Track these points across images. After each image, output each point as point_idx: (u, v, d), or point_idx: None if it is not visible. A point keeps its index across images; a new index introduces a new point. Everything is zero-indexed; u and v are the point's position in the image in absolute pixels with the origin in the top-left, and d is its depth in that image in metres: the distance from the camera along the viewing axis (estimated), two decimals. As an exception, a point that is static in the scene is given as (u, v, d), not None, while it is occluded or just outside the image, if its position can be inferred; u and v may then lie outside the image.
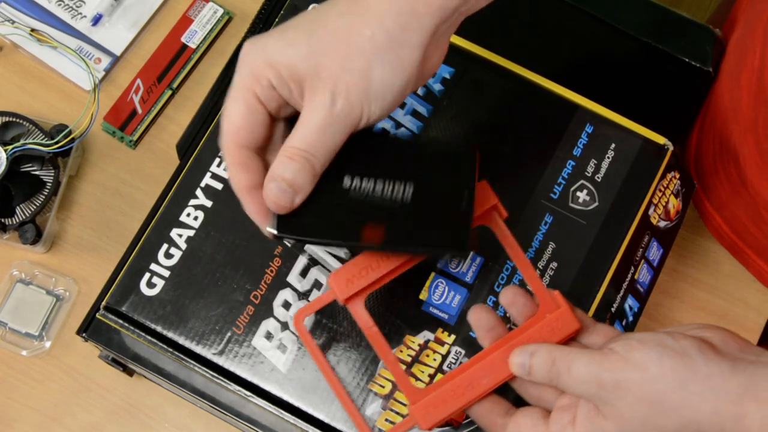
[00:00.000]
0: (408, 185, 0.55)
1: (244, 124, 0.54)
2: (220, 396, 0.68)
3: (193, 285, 0.67)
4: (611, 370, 0.51)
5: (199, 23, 0.84)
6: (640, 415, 0.50)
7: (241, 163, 0.54)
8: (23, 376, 0.77)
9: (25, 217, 0.75)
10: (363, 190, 0.55)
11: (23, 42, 0.83)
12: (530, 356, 0.55)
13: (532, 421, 0.54)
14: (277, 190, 0.53)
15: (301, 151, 0.52)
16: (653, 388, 0.50)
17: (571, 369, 0.52)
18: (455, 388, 0.56)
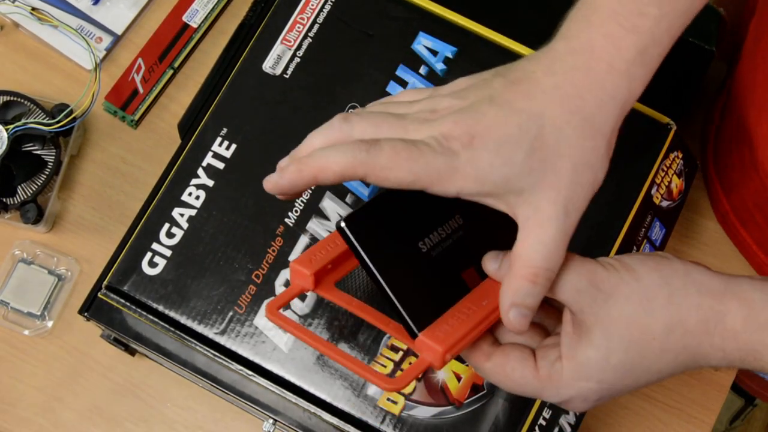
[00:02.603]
0: (457, 217, 0.54)
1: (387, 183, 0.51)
2: (222, 375, 0.68)
3: (194, 264, 0.67)
4: (605, 268, 0.51)
5: (200, 2, 0.83)
6: (627, 315, 0.50)
7: None
8: (25, 356, 0.77)
9: (27, 196, 0.75)
10: (436, 245, 0.53)
11: (24, 21, 0.82)
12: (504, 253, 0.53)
13: (521, 355, 0.53)
14: (520, 317, 0.51)
15: (545, 270, 0.50)
16: (639, 285, 0.50)
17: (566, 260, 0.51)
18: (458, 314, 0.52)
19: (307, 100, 0.71)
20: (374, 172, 0.49)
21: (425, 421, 0.64)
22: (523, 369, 0.52)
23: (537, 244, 0.50)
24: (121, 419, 0.76)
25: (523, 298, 0.50)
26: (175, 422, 0.76)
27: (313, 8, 0.73)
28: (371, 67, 0.71)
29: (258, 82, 0.71)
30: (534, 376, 0.52)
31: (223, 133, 0.70)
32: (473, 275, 0.54)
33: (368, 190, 0.69)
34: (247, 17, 0.76)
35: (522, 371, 0.52)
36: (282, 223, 0.68)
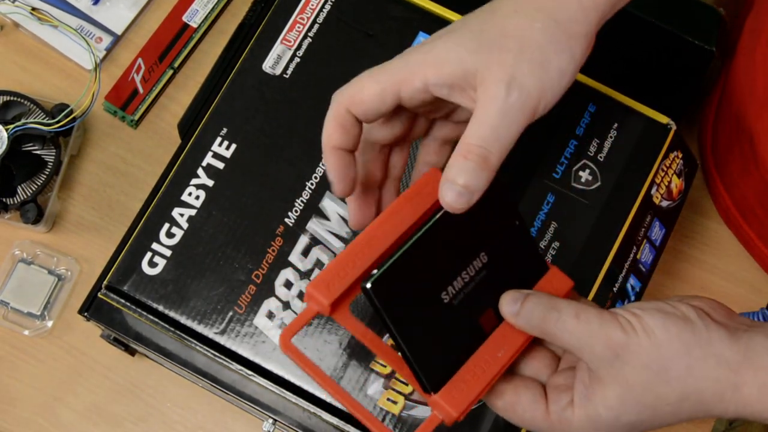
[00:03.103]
0: (480, 256, 0.53)
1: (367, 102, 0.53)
2: (222, 375, 0.68)
3: (194, 264, 0.67)
4: (623, 329, 0.50)
5: (200, 2, 0.83)
6: (643, 382, 0.50)
7: (341, 124, 0.54)
8: (25, 356, 0.77)
9: (27, 196, 0.75)
10: (459, 291, 0.53)
11: (24, 21, 0.82)
12: (523, 297, 0.53)
13: (533, 396, 0.53)
14: (453, 193, 0.51)
15: (477, 147, 0.51)
16: (660, 353, 0.49)
17: (580, 317, 0.50)
18: (473, 368, 0.52)
19: (307, 100, 0.71)
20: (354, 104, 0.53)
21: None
22: (534, 411, 0.52)
23: (474, 122, 0.51)
24: (121, 419, 0.76)
25: (455, 175, 0.51)
26: (175, 422, 0.76)
27: (313, 8, 0.73)
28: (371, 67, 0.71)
29: (258, 82, 0.71)
30: (544, 419, 0.52)
31: (223, 133, 0.70)
32: (491, 317, 0.53)
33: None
34: (247, 17, 0.76)
35: (533, 413, 0.52)
36: (282, 223, 0.68)
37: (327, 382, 0.52)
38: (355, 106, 0.53)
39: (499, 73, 0.51)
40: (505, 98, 0.51)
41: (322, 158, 0.69)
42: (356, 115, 0.54)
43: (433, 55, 0.53)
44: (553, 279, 0.55)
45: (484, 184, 0.51)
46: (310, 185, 0.69)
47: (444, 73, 0.52)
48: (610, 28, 0.76)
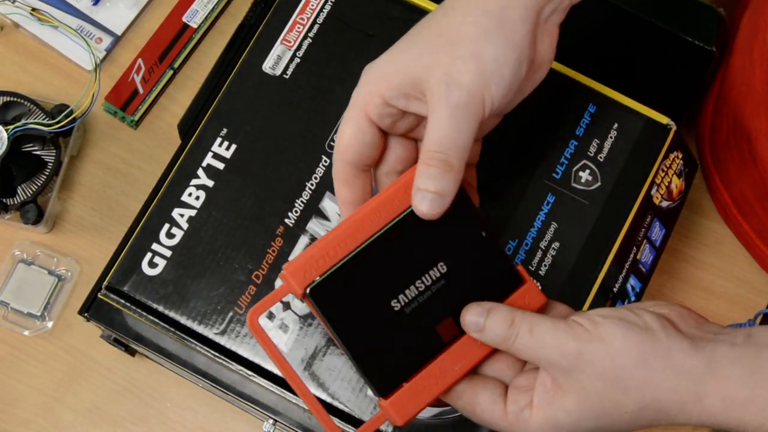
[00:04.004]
0: (439, 265, 0.54)
1: (352, 144, 0.54)
2: (222, 375, 0.68)
3: (194, 265, 0.67)
4: (576, 339, 0.50)
5: (200, 3, 0.83)
6: (599, 390, 0.50)
7: (343, 180, 0.55)
8: (25, 356, 0.77)
9: (27, 197, 0.75)
10: (412, 300, 0.53)
11: (24, 21, 0.82)
12: (486, 313, 0.53)
13: (491, 397, 0.53)
14: (423, 200, 0.52)
15: (434, 153, 0.52)
16: (616, 362, 0.49)
17: (533, 331, 0.51)
18: (427, 378, 0.53)
19: (307, 100, 0.71)
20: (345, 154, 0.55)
21: (425, 421, 0.64)
22: (492, 412, 0.53)
23: (429, 128, 0.52)
24: (121, 419, 0.76)
25: (421, 183, 0.52)
26: (175, 422, 0.76)
27: (313, 8, 0.73)
28: (371, 67, 0.71)
29: (258, 82, 0.71)
30: (502, 419, 0.52)
31: (223, 134, 0.70)
32: (451, 327, 0.54)
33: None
34: (247, 17, 0.76)
35: (491, 414, 0.53)
36: (282, 224, 0.68)
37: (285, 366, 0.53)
38: (346, 154, 0.55)
39: (438, 75, 0.52)
40: (447, 99, 0.51)
41: (322, 158, 0.69)
42: (353, 163, 0.55)
43: (382, 70, 0.54)
44: (525, 294, 0.55)
45: (451, 187, 0.52)
46: (310, 185, 0.69)
47: (394, 84, 0.53)
48: (610, 28, 0.77)
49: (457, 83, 0.51)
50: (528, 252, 0.67)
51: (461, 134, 0.52)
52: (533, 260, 0.67)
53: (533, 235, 0.68)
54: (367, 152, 0.55)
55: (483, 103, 0.52)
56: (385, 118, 0.54)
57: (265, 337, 0.53)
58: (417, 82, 0.53)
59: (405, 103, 0.54)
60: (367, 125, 0.54)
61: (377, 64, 0.55)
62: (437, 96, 0.52)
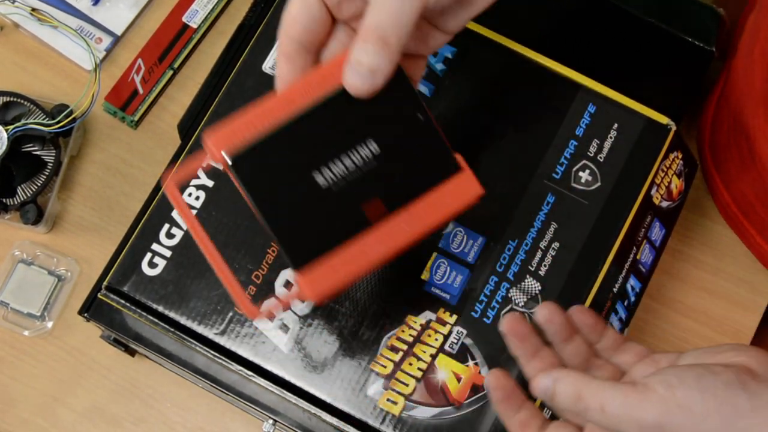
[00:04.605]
0: (368, 141, 0.52)
1: (298, 18, 0.53)
2: (222, 376, 0.68)
3: (194, 265, 0.67)
4: (652, 411, 0.49)
5: (200, 3, 0.83)
6: None
7: (286, 55, 0.54)
8: (25, 356, 0.77)
9: (27, 197, 0.75)
10: (337, 174, 0.52)
11: (24, 21, 0.82)
12: (553, 382, 0.52)
13: None
14: (354, 74, 0.51)
15: (374, 29, 0.51)
16: (699, 429, 0.48)
17: (605, 408, 0.50)
18: (347, 255, 0.52)
19: (306, 100, 0.71)
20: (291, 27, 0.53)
21: (425, 421, 0.64)
22: None
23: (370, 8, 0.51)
24: (120, 419, 0.76)
25: (356, 55, 0.51)
26: (175, 423, 0.76)
27: (313, 9, 0.73)
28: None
29: (258, 82, 0.71)
30: None
31: (223, 134, 0.70)
32: (378, 208, 0.52)
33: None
34: (247, 18, 0.76)
35: None
36: (282, 224, 0.68)
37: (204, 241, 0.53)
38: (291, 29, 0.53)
39: None
40: None
41: (322, 159, 0.69)
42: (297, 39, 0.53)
43: None
44: (460, 184, 0.54)
45: (386, 65, 0.51)
46: (310, 186, 0.69)
47: None
48: (611, 28, 0.77)
49: None
50: (528, 252, 0.67)
51: (402, 14, 0.51)
52: (533, 260, 0.67)
53: (533, 235, 0.68)
54: (313, 28, 0.54)
55: None
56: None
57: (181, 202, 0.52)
58: None
59: None
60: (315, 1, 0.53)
61: None
62: None
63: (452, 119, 0.70)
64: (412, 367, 0.65)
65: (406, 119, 0.54)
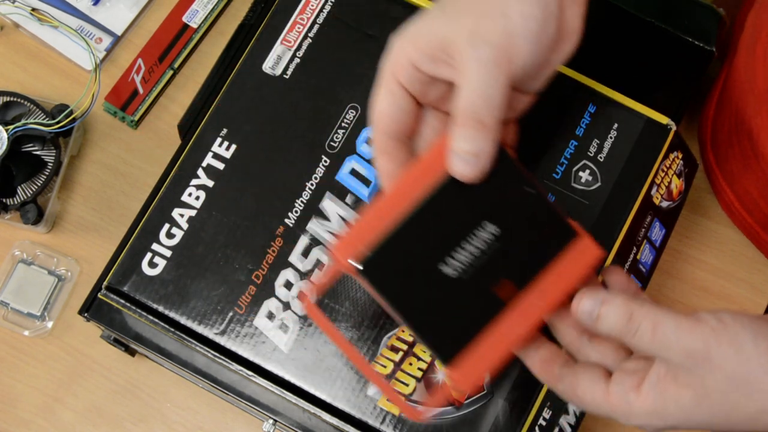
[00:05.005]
0: (484, 224, 0.53)
1: (387, 112, 0.54)
2: (222, 376, 0.68)
3: (194, 265, 0.67)
4: (704, 341, 0.49)
5: (200, 3, 0.83)
6: (723, 391, 0.49)
7: (383, 151, 0.55)
8: (25, 356, 0.77)
9: (27, 197, 0.75)
10: (462, 262, 0.52)
11: (24, 21, 0.82)
12: (600, 304, 0.52)
13: (591, 377, 0.52)
14: (459, 162, 0.52)
15: (468, 112, 0.51)
16: (746, 368, 0.48)
17: (656, 330, 0.50)
18: (491, 340, 0.52)
19: (307, 100, 0.71)
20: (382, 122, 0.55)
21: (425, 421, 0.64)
22: (593, 393, 0.52)
23: (459, 89, 0.51)
24: (121, 420, 0.76)
25: (456, 143, 0.51)
26: (175, 423, 0.76)
27: (313, 9, 0.73)
28: (371, 67, 0.71)
29: (258, 82, 0.71)
30: (604, 400, 0.52)
31: (223, 134, 0.70)
32: (508, 288, 0.53)
33: (368, 190, 0.69)
34: (247, 18, 0.76)
35: (592, 395, 0.52)
36: (282, 224, 0.68)
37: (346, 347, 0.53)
38: (383, 124, 0.54)
39: (464, 35, 0.51)
40: (475, 57, 0.51)
41: (322, 158, 0.69)
42: (390, 133, 0.54)
43: (410, 35, 0.53)
44: (580, 249, 0.54)
45: (488, 146, 0.52)
46: (310, 186, 0.69)
47: (421, 47, 0.53)
48: (610, 28, 0.77)
49: (483, 40, 0.51)
50: (528, 252, 0.67)
51: (492, 91, 0.51)
52: (533, 260, 0.67)
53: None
54: (403, 119, 0.54)
55: (511, 59, 0.52)
56: (415, 84, 0.54)
57: (323, 319, 0.52)
58: (445, 45, 0.52)
59: (434, 67, 0.53)
60: (400, 91, 0.54)
61: (405, 31, 0.54)
62: (465, 55, 0.51)
63: (452, 119, 0.70)
64: (412, 367, 0.65)
65: (516, 194, 0.54)
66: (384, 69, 0.55)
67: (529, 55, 0.52)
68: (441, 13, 0.54)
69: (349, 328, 0.66)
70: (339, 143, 0.70)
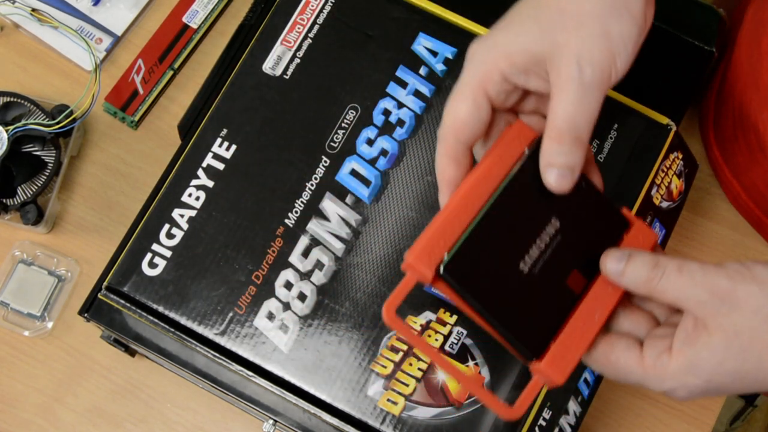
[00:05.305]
0: (552, 221, 0.54)
1: (468, 121, 0.54)
2: (222, 376, 0.68)
3: (194, 265, 0.67)
4: (729, 278, 0.50)
5: (200, 3, 0.83)
6: (752, 328, 0.50)
7: (453, 158, 0.55)
8: (25, 357, 0.77)
9: (27, 197, 0.75)
10: (535, 259, 0.53)
11: (24, 22, 0.82)
12: (627, 257, 0.53)
13: (625, 345, 0.53)
14: (555, 175, 0.53)
15: (567, 128, 0.52)
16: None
17: (682, 269, 0.51)
18: (573, 332, 0.53)
19: (307, 101, 0.71)
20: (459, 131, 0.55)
21: (425, 421, 0.64)
22: (628, 358, 0.53)
23: (558, 105, 0.52)
24: (121, 420, 0.76)
25: (554, 157, 0.53)
26: (175, 423, 0.76)
27: (313, 9, 0.73)
28: (371, 68, 0.72)
29: (258, 83, 0.71)
30: (638, 365, 0.53)
31: (223, 134, 0.70)
32: (578, 279, 0.54)
33: (368, 190, 0.68)
34: (247, 18, 0.76)
35: (626, 360, 0.53)
36: (282, 224, 0.68)
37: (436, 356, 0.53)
38: (460, 132, 0.54)
39: (567, 54, 0.52)
40: (579, 78, 0.52)
41: (322, 158, 0.69)
42: (465, 141, 0.54)
43: (501, 47, 0.54)
44: (638, 234, 0.56)
45: (581, 160, 0.53)
46: (310, 186, 0.69)
47: (517, 61, 0.53)
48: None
49: (588, 62, 0.52)
50: (528, 252, 0.67)
51: (592, 111, 0.52)
52: (533, 260, 0.67)
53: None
54: (480, 128, 0.55)
55: (610, 78, 0.53)
56: (501, 94, 0.54)
57: (406, 329, 0.53)
58: (541, 60, 0.53)
59: (525, 79, 0.54)
60: (485, 102, 0.54)
61: (493, 42, 0.54)
62: (567, 75, 0.52)
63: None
64: (412, 368, 0.65)
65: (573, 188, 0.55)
66: (469, 78, 0.54)
67: (623, 73, 0.54)
68: (533, 24, 0.54)
69: (349, 328, 0.66)
70: (339, 143, 0.70)
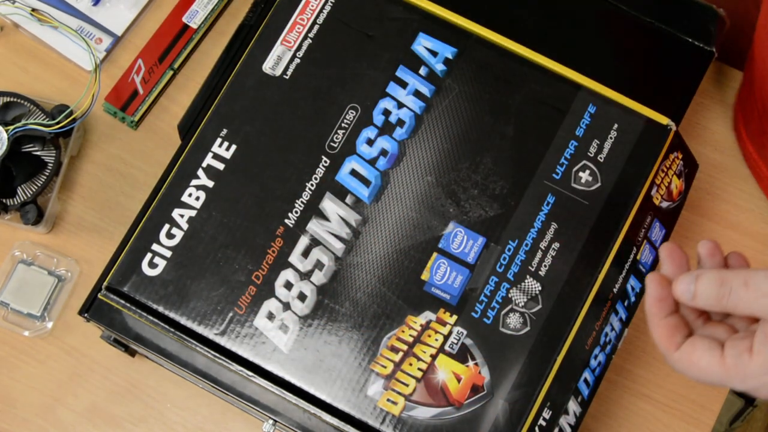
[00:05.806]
0: None
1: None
2: (222, 376, 0.68)
3: (194, 265, 0.67)
4: None
5: (200, 3, 0.83)
6: None
7: None
8: (25, 357, 0.77)
9: (27, 197, 0.75)
10: None
11: (24, 22, 0.82)
12: (695, 279, 0.56)
13: (708, 345, 0.55)
14: None
15: None
16: None
17: (749, 283, 0.53)
18: None
19: (307, 100, 0.71)
20: None
21: (425, 421, 0.64)
22: (710, 357, 0.55)
23: None
24: (120, 420, 0.76)
25: None
26: (175, 423, 0.76)
27: (313, 9, 0.73)
28: (371, 67, 0.72)
29: (258, 82, 0.71)
30: (719, 364, 0.55)
31: (223, 134, 0.70)
32: None
33: (368, 190, 0.69)
34: (247, 18, 0.76)
35: (708, 359, 0.55)
36: (282, 224, 0.68)
37: None
38: None
39: None
40: None
41: (322, 158, 0.69)
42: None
43: None
44: None
45: None
46: (310, 186, 0.69)
47: None
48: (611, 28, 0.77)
49: None
50: (528, 252, 0.67)
51: None
52: (533, 260, 0.67)
53: (533, 235, 0.68)
54: None
55: None
56: None
57: None
58: None
59: None
60: None
61: None
62: None
63: (453, 119, 0.70)
64: (412, 368, 0.65)
65: None
66: None
67: None
68: None
69: (349, 328, 0.66)
70: (339, 143, 0.70)
